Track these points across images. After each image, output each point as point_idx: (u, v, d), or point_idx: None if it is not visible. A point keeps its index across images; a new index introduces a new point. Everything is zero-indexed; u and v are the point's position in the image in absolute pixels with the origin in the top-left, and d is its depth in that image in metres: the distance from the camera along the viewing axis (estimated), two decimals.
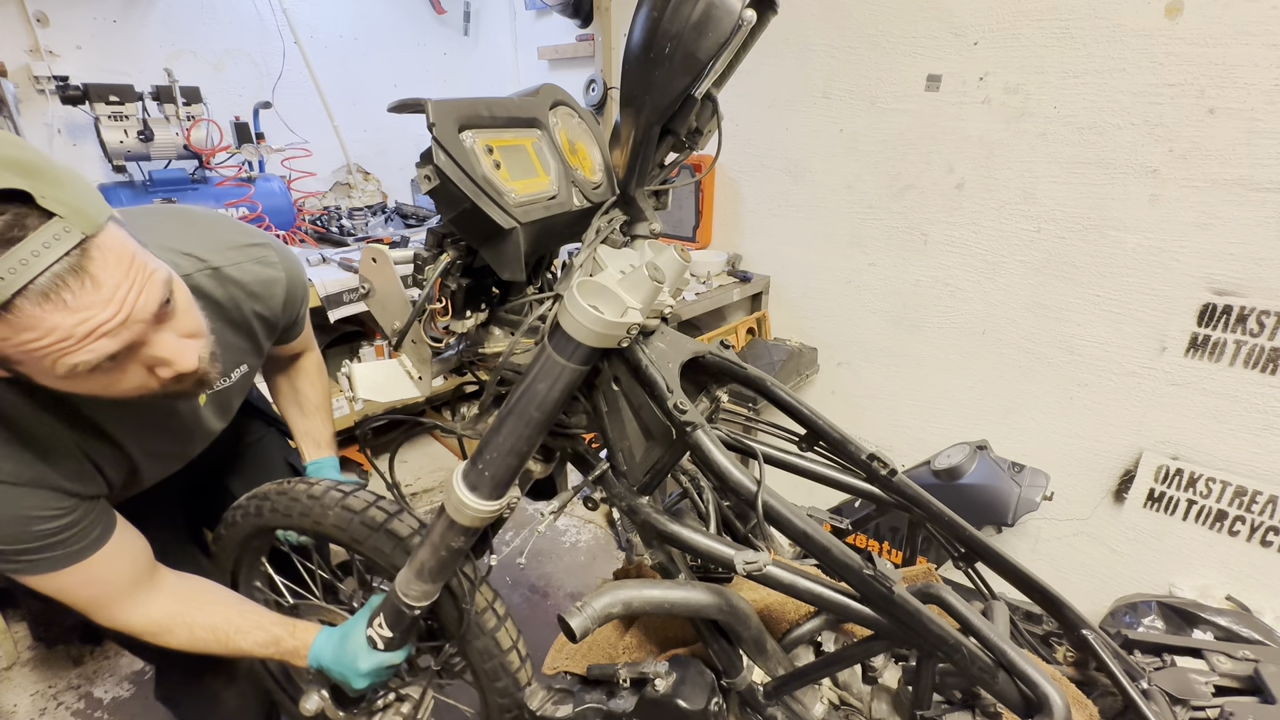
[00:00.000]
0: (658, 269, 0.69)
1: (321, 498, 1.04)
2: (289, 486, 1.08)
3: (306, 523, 1.05)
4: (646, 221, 0.80)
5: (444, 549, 0.87)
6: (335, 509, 1.03)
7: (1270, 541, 1.59)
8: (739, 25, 0.63)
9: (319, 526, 1.05)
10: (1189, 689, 0.94)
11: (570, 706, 0.87)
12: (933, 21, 1.79)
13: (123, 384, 0.74)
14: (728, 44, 0.63)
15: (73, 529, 0.84)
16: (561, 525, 2.52)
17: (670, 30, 0.64)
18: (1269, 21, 1.36)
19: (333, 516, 1.03)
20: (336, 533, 1.04)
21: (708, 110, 0.74)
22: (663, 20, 0.64)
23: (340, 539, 1.05)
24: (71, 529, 0.84)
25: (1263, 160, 1.43)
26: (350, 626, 1.02)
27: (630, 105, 0.71)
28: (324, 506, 1.04)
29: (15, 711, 1.73)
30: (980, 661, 0.72)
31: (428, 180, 0.65)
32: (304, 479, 1.09)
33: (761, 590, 0.94)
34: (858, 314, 2.20)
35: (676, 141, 0.76)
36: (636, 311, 0.69)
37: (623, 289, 0.69)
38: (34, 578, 0.84)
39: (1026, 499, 1.69)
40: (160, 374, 0.75)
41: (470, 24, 3.16)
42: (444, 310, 0.78)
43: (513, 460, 0.79)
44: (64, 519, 0.82)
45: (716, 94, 0.73)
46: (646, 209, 0.80)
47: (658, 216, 0.82)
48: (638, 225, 0.81)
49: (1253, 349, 1.53)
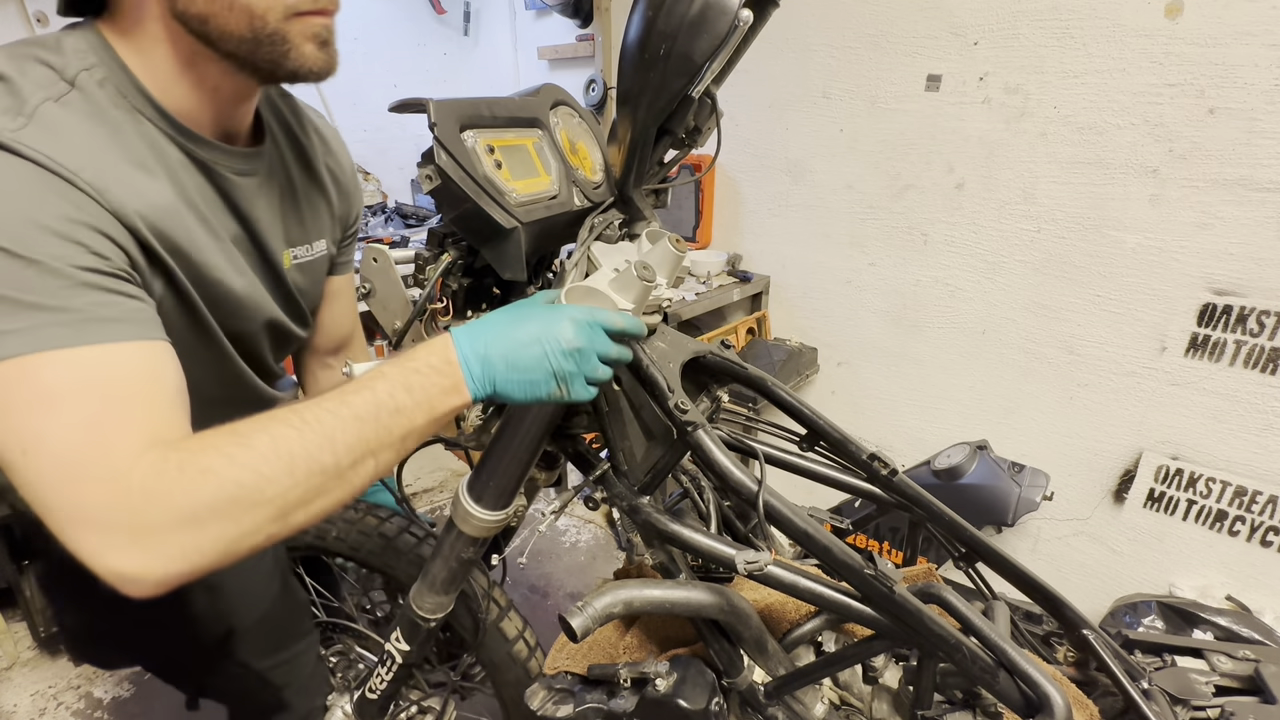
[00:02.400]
0: (647, 267, 0.68)
1: (358, 522, 1.06)
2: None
3: (343, 547, 1.07)
4: (645, 221, 0.80)
5: (454, 560, 0.87)
6: (374, 535, 1.06)
7: (1270, 541, 1.59)
8: (736, 25, 0.61)
9: (355, 551, 1.08)
10: (1190, 689, 0.94)
11: (571, 706, 0.87)
12: (933, 21, 1.79)
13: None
14: (724, 44, 0.62)
15: (102, 278, 0.55)
16: (561, 525, 2.52)
17: (666, 30, 0.62)
18: (1269, 21, 1.36)
19: (370, 543, 1.06)
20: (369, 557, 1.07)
21: (706, 108, 0.73)
22: (658, 20, 0.63)
23: (373, 563, 1.08)
24: (101, 276, 0.55)
25: (1263, 160, 1.43)
26: (514, 309, 0.66)
27: (626, 105, 0.70)
28: (362, 531, 1.07)
29: (15, 711, 1.72)
30: (981, 661, 0.72)
31: (429, 180, 0.66)
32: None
33: (762, 590, 0.94)
34: (858, 314, 2.20)
35: (675, 140, 0.75)
36: (629, 312, 0.69)
37: (613, 290, 0.69)
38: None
39: (1026, 499, 1.69)
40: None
41: (470, 24, 3.16)
42: (445, 310, 0.78)
43: (516, 469, 0.79)
44: (96, 256, 0.55)
45: (715, 91, 0.73)
46: (645, 208, 0.80)
47: (657, 215, 0.81)
48: (636, 225, 0.81)
49: (1253, 349, 1.53)
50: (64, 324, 0.51)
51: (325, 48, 0.67)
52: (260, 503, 0.51)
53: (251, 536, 0.52)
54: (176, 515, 0.49)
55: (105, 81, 0.62)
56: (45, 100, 0.58)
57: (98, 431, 0.50)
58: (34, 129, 0.55)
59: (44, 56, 0.60)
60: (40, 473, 0.49)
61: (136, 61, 0.64)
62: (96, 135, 0.60)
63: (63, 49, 0.62)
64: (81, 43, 0.63)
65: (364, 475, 0.57)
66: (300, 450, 0.53)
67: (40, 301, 0.51)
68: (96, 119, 0.61)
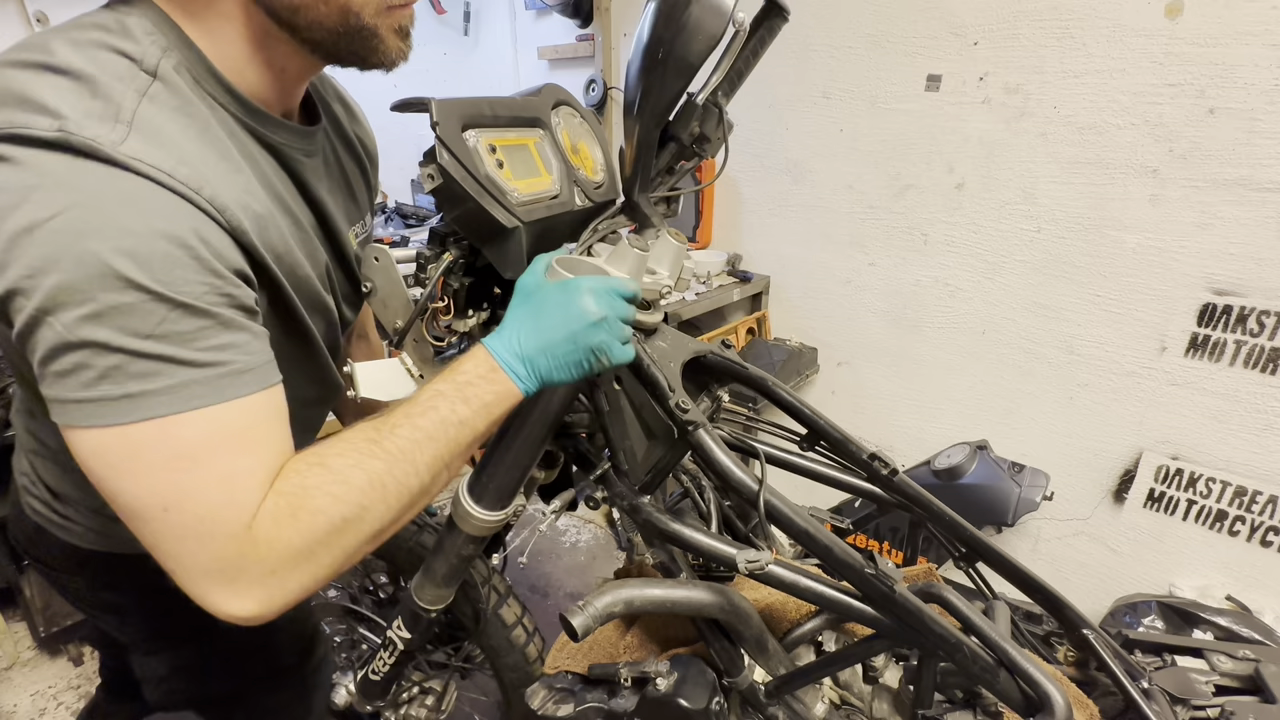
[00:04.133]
0: (640, 239, 0.70)
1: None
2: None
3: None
4: (653, 228, 0.80)
5: (454, 556, 0.88)
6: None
7: (1270, 541, 1.60)
8: (733, 30, 0.64)
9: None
10: (1190, 689, 0.94)
11: (571, 706, 0.87)
12: (933, 21, 1.79)
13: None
14: (725, 48, 0.65)
15: (235, 314, 0.53)
16: (562, 525, 2.52)
17: (665, 34, 0.65)
18: (1269, 21, 1.37)
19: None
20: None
21: (713, 118, 0.75)
22: (658, 24, 0.66)
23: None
24: (234, 311, 0.53)
25: (1263, 160, 1.43)
26: (533, 293, 0.66)
27: (631, 109, 0.72)
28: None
29: (15, 711, 1.72)
30: (981, 661, 0.72)
31: (431, 179, 0.66)
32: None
33: (763, 589, 0.94)
34: (858, 314, 2.20)
35: (682, 148, 0.77)
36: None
37: (610, 264, 0.69)
38: (150, 417, 0.48)
39: (1026, 499, 1.69)
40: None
41: (470, 24, 3.16)
42: (446, 309, 0.78)
43: (516, 471, 0.80)
44: (228, 292, 0.53)
45: (725, 103, 0.74)
46: (654, 215, 0.80)
47: (666, 224, 0.81)
48: (644, 233, 0.81)
49: (1253, 349, 1.53)
50: (204, 381, 0.51)
51: (407, 39, 0.66)
52: (363, 531, 0.57)
53: (355, 558, 0.58)
54: (295, 556, 0.53)
55: (180, 66, 0.57)
56: (139, 99, 0.52)
57: (230, 488, 0.52)
58: (138, 138, 0.50)
59: (114, 43, 0.54)
60: (179, 529, 0.51)
61: (206, 41, 0.59)
62: (191, 135, 0.55)
63: (130, 32, 0.55)
64: (146, 22, 0.56)
65: (441, 484, 0.63)
66: (390, 479, 0.57)
67: (182, 355, 0.50)
68: (185, 114, 0.56)
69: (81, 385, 0.48)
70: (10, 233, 0.46)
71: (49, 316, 0.46)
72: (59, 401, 0.49)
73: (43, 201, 0.46)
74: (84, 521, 0.79)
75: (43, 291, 0.46)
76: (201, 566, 0.51)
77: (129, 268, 0.47)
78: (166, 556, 0.52)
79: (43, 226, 0.46)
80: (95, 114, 0.49)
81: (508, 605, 1.07)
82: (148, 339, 0.48)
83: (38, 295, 0.46)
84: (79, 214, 0.46)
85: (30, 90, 0.48)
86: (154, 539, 0.52)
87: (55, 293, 0.46)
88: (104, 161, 0.48)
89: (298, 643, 1.00)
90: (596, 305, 0.62)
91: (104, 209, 0.47)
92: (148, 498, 0.50)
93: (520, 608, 1.09)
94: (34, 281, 0.46)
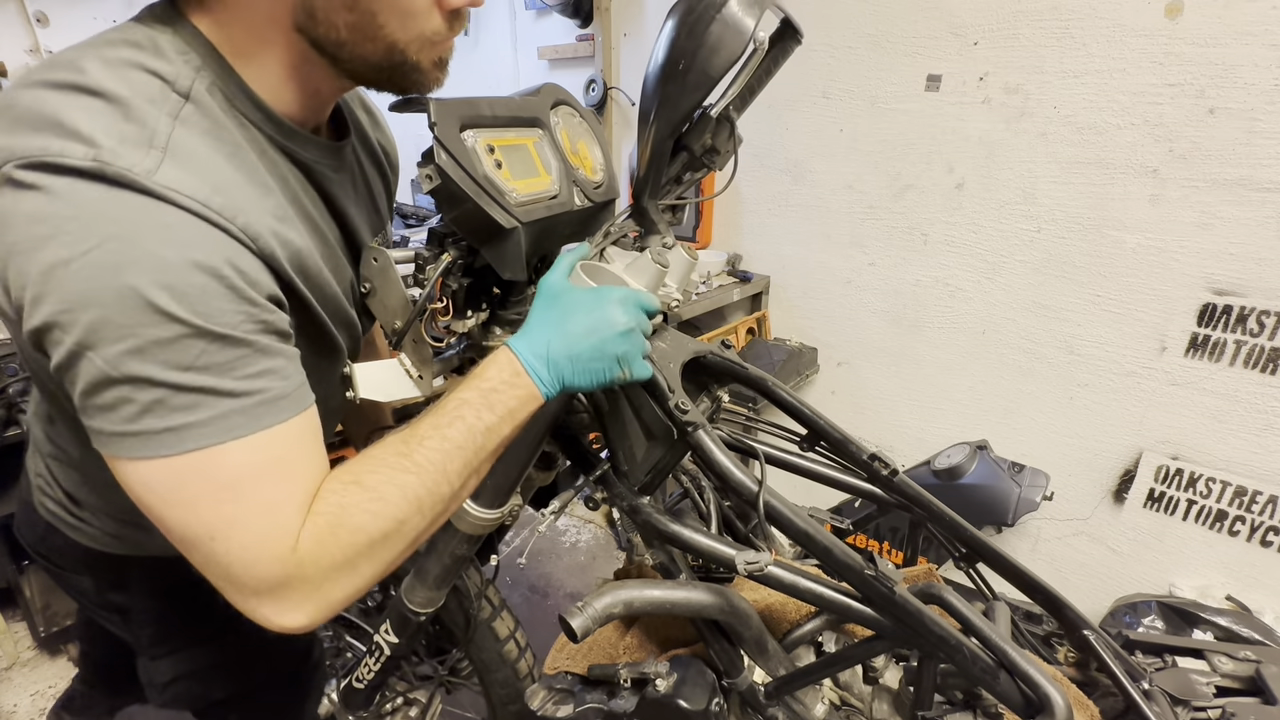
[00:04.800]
0: (662, 253, 0.72)
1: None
2: None
3: None
4: (659, 235, 0.81)
5: (448, 556, 0.87)
6: None
7: (1270, 541, 1.60)
8: (753, 47, 0.67)
9: None
10: (1190, 689, 0.94)
11: (571, 707, 0.87)
12: (933, 21, 1.79)
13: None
14: (744, 65, 0.68)
15: (271, 340, 0.54)
16: (561, 525, 2.52)
17: (687, 47, 0.68)
18: (1269, 21, 1.36)
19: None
20: None
21: (725, 131, 0.77)
22: (680, 38, 0.68)
23: None
24: (269, 338, 0.54)
25: (1263, 160, 1.43)
26: (554, 297, 0.67)
27: (645, 118, 0.74)
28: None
29: (15, 711, 1.72)
30: (981, 662, 0.72)
31: (429, 180, 0.65)
32: None
33: (762, 590, 0.94)
34: (858, 314, 2.20)
35: (692, 158, 0.78)
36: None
37: (629, 274, 0.71)
38: (194, 449, 0.50)
39: (1026, 499, 1.69)
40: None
41: (470, 24, 3.16)
42: (445, 310, 0.78)
43: (514, 469, 0.80)
44: (263, 320, 0.54)
45: (736, 118, 0.76)
46: (660, 222, 0.81)
47: (672, 231, 0.83)
48: (650, 239, 0.82)
49: (1253, 349, 1.53)
50: (242, 410, 0.52)
51: (444, 69, 0.66)
52: (401, 542, 0.60)
53: (392, 565, 0.61)
54: (338, 570, 0.56)
55: (214, 86, 0.57)
56: (172, 123, 0.51)
57: (273, 515, 0.54)
58: (172, 165, 0.49)
59: (147, 62, 0.53)
60: (227, 555, 0.53)
61: (241, 62, 0.59)
62: (223, 158, 0.55)
63: (163, 50, 0.55)
64: (180, 40, 0.56)
65: (471, 488, 0.66)
66: (424, 491, 0.60)
67: (222, 385, 0.51)
68: (216, 136, 0.55)
69: (125, 419, 0.49)
70: (46, 265, 0.46)
71: (90, 351, 0.47)
72: (103, 434, 0.50)
73: (79, 234, 0.46)
74: (100, 525, 0.79)
75: (82, 326, 0.46)
76: (251, 588, 0.54)
77: (168, 302, 0.47)
78: (217, 579, 0.54)
79: (80, 260, 0.46)
80: (129, 139, 0.49)
81: (501, 619, 1.04)
82: (188, 371, 0.49)
83: (76, 330, 0.46)
84: (116, 247, 0.46)
85: (63, 114, 0.48)
86: (204, 563, 0.54)
87: (95, 327, 0.46)
88: (139, 192, 0.48)
89: (299, 646, 1.00)
90: (625, 316, 0.65)
91: (140, 242, 0.47)
92: (196, 527, 0.52)
93: (514, 622, 1.06)
94: (72, 316, 0.46)
